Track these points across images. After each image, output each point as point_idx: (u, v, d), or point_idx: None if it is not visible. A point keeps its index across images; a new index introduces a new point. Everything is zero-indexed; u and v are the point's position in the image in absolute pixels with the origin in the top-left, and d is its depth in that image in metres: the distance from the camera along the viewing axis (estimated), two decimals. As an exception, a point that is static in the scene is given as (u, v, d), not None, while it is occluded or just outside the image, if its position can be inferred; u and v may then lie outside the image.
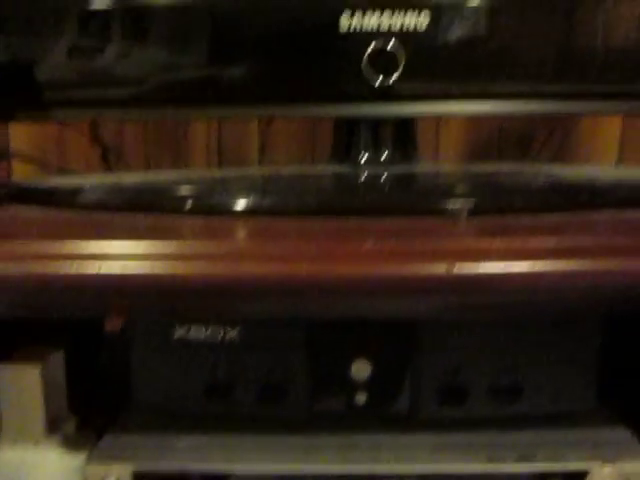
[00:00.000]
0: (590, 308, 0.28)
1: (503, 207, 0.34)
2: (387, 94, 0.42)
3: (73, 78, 0.44)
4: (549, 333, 0.37)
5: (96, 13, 0.42)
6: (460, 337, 0.37)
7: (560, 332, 0.37)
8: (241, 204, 0.34)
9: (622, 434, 0.38)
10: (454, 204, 0.33)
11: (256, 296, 0.25)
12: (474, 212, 0.33)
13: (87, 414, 0.39)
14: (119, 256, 0.25)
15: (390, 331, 0.37)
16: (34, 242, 0.26)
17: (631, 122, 0.74)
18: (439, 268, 0.24)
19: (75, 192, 0.39)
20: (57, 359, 0.38)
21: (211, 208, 0.34)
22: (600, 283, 0.25)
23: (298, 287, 0.25)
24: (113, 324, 0.34)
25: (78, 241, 0.26)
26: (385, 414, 0.39)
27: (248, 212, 0.34)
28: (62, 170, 0.71)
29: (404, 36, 0.41)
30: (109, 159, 0.76)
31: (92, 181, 0.48)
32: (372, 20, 0.41)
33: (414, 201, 0.34)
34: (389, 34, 0.41)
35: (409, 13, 0.40)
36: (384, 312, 0.26)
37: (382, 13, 0.40)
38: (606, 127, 0.74)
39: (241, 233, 0.30)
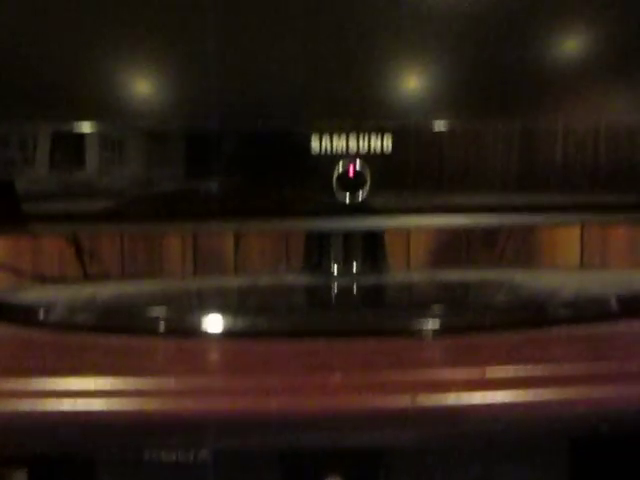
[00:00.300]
0: (554, 435, 0.28)
1: (467, 326, 0.35)
2: (356, 209, 0.44)
3: (48, 194, 0.45)
4: (519, 450, 0.37)
5: (73, 133, 0.43)
6: (432, 454, 0.37)
7: (530, 448, 0.37)
8: (212, 328, 0.35)
9: None
10: (420, 325, 0.34)
11: (225, 432, 0.25)
12: (438, 332, 0.34)
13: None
14: (91, 393, 0.26)
15: (363, 451, 0.37)
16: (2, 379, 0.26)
17: (589, 233, 0.78)
18: (403, 400, 0.25)
19: (46, 310, 0.39)
20: (21, 481, 0.37)
21: (183, 331, 0.35)
22: (562, 413, 0.26)
23: (267, 422, 0.25)
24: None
25: (50, 378, 0.26)
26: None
27: (219, 335, 0.35)
28: (36, 276, 0.71)
29: (370, 156, 0.43)
30: (84, 259, 0.77)
31: (65, 294, 0.48)
32: (340, 142, 0.43)
33: (381, 322, 0.35)
34: (356, 155, 0.43)
35: (372, 136, 0.43)
36: (350, 442, 0.26)
37: (348, 136, 0.43)
38: (566, 235, 0.78)
39: (210, 364, 0.31)
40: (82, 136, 0.44)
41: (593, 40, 0.46)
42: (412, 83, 0.45)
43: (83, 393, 0.26)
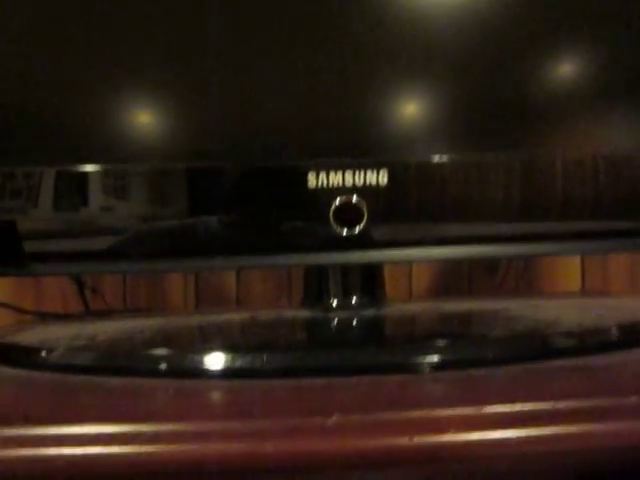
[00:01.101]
0: (557, 472, 0.28)
1: (467, 361, 0.35)
2: (354, 243, 0.44)
3: (51, 234, 0.45)
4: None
5: (75, 173, 0.44)
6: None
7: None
8: (211, 368, 0.35)
9: None
10: (418, 360, 0.34)
11: (221, 476, 0.25)
12: (437, 367, 0.34)
13: None
14: (88, 439, 0.26)
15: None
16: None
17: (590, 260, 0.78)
18: (401, 441, 0.25)
19: (47, 351, 0.40)
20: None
21: (182, 372, 0.35)
22: (565, 449, 0.26)
23: (264, 466, 0.25)
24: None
25: (49, 425, 0.26)
26: None
27: (218, 375, 0.35)
28: (38, 314, 0.71)
29: (367, 191, 0.44)
30: (86, 296, 0.77)
31: (66, 334, 0.48)
32: (336, 178, 0.43)
33: (379, 359, 0.35)
34: (353, 189, 0.44)
35: (369, 172, 0.43)
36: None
37: (344, 172, 0.43)
38: (567, 263, 0.78)
39: (208, 407, 0.31)
40: (84, 175, 0.44)
41: (591, 71, 0.47)
42: (408, 119, 0.46)
43: (80, 439, 0.26)
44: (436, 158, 0.45)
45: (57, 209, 0.44)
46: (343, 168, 0.43)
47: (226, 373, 0.35)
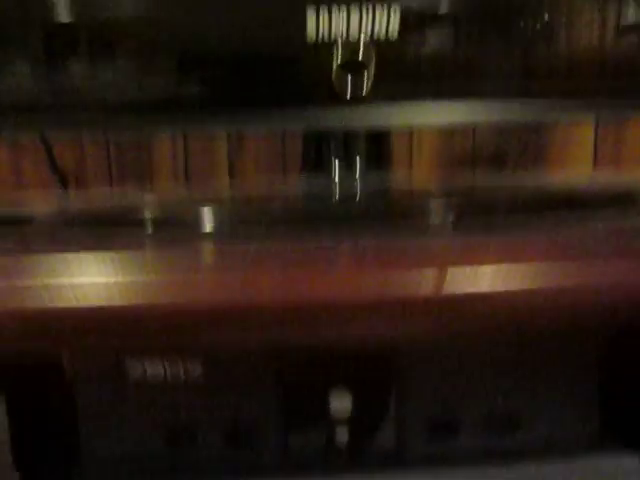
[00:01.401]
0: (582, 328, 0.25)
1: (487, 219, 0.31)
2: (358, 102, 0.39)
3: (28, 97, 0.40)
4: (546, 355, 0.34)
5: (53, 29, 0.38)
6: (449, 363, 0.33)
7: (558, 354, 0.34)
8: (203, 228, 0.30)
9: (628, 462, 0.35)
10: (436, 217, 0.30)
11: (213, 327, 0.22)
12: (456, 226, 0.30)
13: (33, 470, 0.35)
14: (73, 287, 0.22)
15: (372, 358, 0.34)
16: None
17: (603, 136, 0.72)
18: (424, 288, 0.21)
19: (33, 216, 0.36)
20: (-3, 408, 0.34)
21: (172, 232, 0.31)
22: (588, 298, 0.23)
23: (260, 315, 0.21)
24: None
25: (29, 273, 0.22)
26: (369, 453, 0.35)
27: (211, 236, 0.30)
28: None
29: (373, 43, 0.38)
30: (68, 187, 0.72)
31: (46, 208, 0.44)
32: (341, 22, 0.37)
33: (394, 214, 0.31)
34: (358, 41, 0.38)
35: (377, 11, 0.37)
36: (359, 339, 0.23)
37: (349, 9, 0.37)
38: (579, 138, 0.72)
39: (202, 258, 0.26)
40: (60, 33, 0.38)
41: None
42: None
43: (67, 287, 0.22)
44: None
45: (38, 65, 0.39)
46: (347, 4, 0.37)
47: (221, 231, 0.30)
